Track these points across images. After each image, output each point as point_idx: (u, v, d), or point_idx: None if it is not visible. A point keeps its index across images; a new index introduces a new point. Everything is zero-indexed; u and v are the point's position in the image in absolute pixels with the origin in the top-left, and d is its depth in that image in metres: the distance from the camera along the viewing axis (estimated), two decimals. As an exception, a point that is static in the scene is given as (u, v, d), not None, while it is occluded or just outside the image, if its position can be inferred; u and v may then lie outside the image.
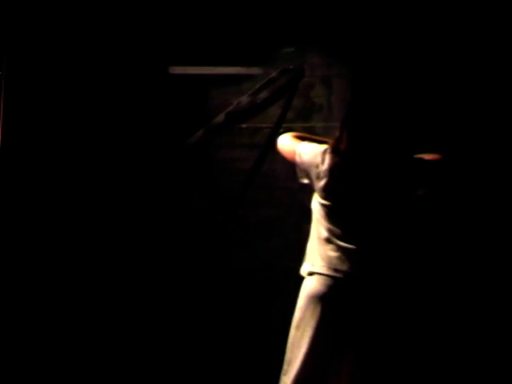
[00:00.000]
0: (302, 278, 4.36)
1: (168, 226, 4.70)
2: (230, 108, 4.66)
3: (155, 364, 4.64)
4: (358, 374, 3.43)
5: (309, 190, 4.41)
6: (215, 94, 4.74)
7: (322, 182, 3.51)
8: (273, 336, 4.40)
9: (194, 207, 4.70)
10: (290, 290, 4.43)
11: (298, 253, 4.43)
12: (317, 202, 3.56)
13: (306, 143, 3.67)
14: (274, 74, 4.58)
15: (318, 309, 3.43)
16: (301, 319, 3.49)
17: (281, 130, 4.58)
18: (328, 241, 3.49)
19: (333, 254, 3.47)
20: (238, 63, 4.67)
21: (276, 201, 4.58)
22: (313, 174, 3.57)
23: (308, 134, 3.87)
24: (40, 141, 4.73)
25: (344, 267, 3.43)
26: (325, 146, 3.58)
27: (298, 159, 3.66)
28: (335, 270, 3.45)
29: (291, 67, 4.57)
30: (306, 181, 3.65)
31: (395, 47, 4.35)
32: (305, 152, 3.64)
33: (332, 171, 3.48)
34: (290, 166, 4.45)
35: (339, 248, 3.45)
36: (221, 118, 4.68)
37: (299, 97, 4.56)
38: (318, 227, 3.54)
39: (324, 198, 3.51)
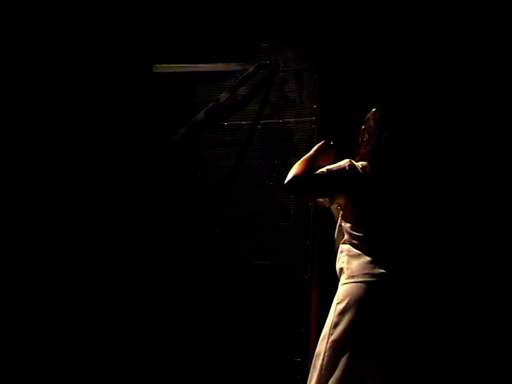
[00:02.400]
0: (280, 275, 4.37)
1: (152, 224, 4.71)
2: (210, 105, 4.63)
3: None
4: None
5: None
6: (199, 92, 4.71)
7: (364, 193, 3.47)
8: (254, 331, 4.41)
9: (177, 206, 4.69)
10: (269, 287, 4.43)
11: (274, 251, 4.42)
12: (354, 215, 3.50)
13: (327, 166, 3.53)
14: (250, 69, 4.53)
15: (359, 311, 3.38)
16: (342, 321, 3.42)
17: (259, 127, 4.55)
18: (365, 249, 3.46)
19: (370, 260, 3.43)
20: (219, 60, 4.62)
21: (254, 198, 4.51)
22: (351, 187, 3.48)
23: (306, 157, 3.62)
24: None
25: (382, 270, 3.40)
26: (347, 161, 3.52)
27: (327, 182, 3.49)
28: (373, 275, 3.40)
29: (267, 62, 4.51)
30: (333, 202, 3.57)
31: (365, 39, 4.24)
32: (335, 171, 3.49)
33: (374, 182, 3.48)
34: (268, 164, 4.47)
35: (376, 254, 3.43)
36: (201, 115, 4.67)
37: (274, 92, 4.48)
38: (351, 241, 3.50)
39: (365, 207, 3.47)
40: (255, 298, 4.43)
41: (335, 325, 3.40)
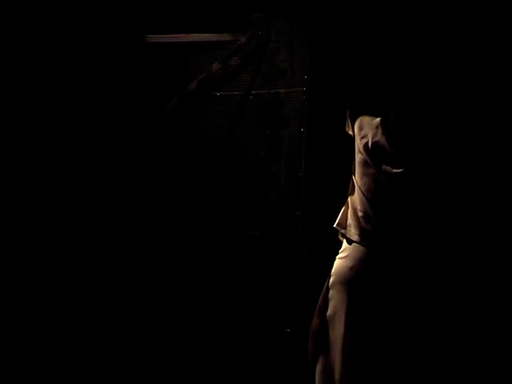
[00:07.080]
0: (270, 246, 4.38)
1: (145, 195, 4.73)
2: (202, 76, 4.62)
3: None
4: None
5: (275, 158, 4.41)
6: (191, 62, 4.70)
7: None
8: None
9: (169, 176, 4.70)
10: (259, 258, 4.44)
11: (265, 221, 4.43)
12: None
13: None
14: (242, 39, 4.51)
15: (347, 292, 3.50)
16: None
17: (250, 97, 4.54)
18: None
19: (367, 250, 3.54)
20: (211, 31, 4.60)
21: (245, 169, 4.51)
22: None
23: None
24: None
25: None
26: None
27: None
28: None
29: (259, 33, 4.49)
30: None
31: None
32: None
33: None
34: (259, 134, 4.46)
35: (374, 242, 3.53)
36: (193, 85, 4.66)
37: (266, 62, 4.47)
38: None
39: None
40: (245, 269, 4.44)
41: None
